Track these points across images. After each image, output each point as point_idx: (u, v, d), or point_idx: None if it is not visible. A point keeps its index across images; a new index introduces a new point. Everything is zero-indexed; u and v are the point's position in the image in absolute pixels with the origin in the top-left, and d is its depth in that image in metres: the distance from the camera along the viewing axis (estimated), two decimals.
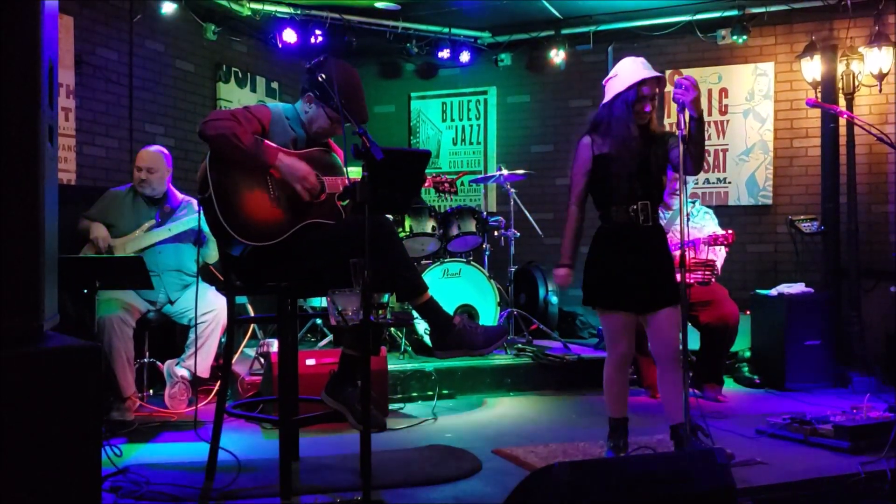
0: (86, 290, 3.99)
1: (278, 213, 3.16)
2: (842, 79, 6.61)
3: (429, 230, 5.95)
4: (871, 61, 6.53)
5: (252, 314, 5.53)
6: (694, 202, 5.55)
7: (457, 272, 5.83)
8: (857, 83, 6.60)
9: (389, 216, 3.20)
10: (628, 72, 3.48)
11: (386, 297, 2.52)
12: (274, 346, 4.84)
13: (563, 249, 3.48)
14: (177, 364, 4.84)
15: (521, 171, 6.25)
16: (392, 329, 5.89)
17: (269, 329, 6.04)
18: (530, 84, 7.98)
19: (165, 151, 5.03)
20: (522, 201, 6.51)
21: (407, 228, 5.97)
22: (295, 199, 3.20)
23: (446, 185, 5.28)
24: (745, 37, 6.84)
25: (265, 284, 3.21)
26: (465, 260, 5.91)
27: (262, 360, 5.03)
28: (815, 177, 6.92)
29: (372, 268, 2.62)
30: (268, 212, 3.13)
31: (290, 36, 7.03)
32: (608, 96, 3.54)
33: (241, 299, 5.52)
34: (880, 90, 6.60)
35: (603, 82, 3.61)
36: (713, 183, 7.22)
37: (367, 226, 2.67)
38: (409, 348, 5.91)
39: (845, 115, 5.67)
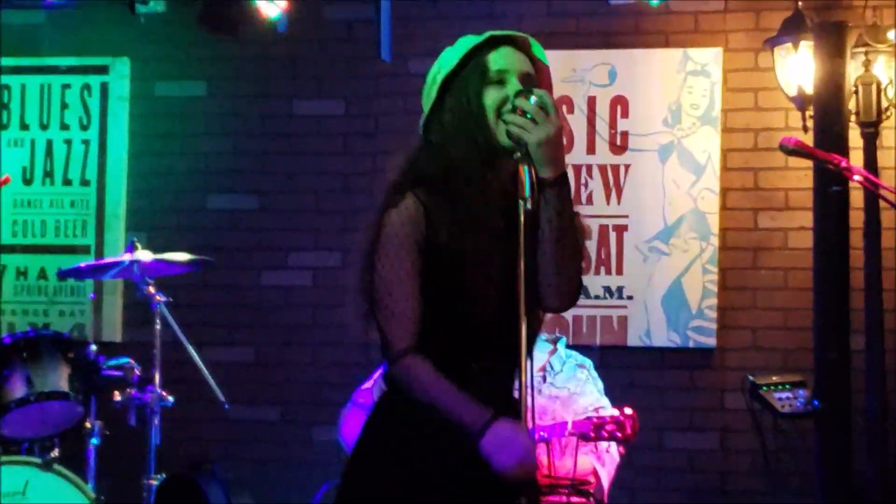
0: None
1: None
2: (857, 90, 4.80)
3: None
4: None
5: None
6: (556, 342, 4.08)
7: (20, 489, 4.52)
8: (888, 102, 4.83)
9: None
10: (464, 42, 2.39)
11: None
12: None
13: (464, 411, 2.17)
14: None
15: (183, 256, 4.34)
16: None
17: None
18: (209, 59, 5.36)
19: None
20: (188, 319, 4.54)
21: None
22: None
23: None
24: None
25: None
26: (38, 462, 4.44)
27: None
28: (802, 293, 4.94)
29: None
30: None
31: None
32: (428, 105, 2.38)
33: None
34: None
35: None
36: (595, 298, 5.13)
37: None
38: None
39: (860, 176, 3.75)
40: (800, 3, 4.65)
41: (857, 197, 4.54)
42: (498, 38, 2.13)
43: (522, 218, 2.04)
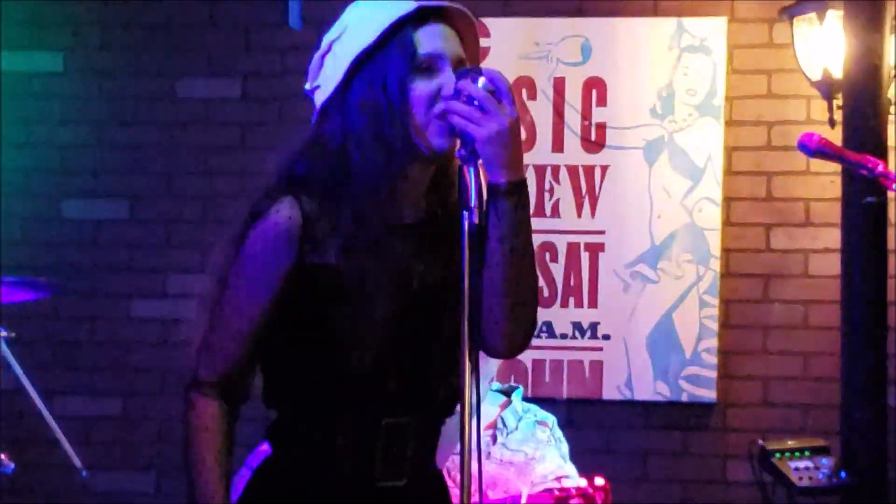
0: None
1: None
2: None
3: None
4: None
5: None
6: (510, 393, 3.77)
7: None
8: None
9: None
10: (382, 10, 2.24)
11: None
12: None
13: (200, 483, 2.01)
14: None
15: (30, 278, 4.24)
16: None
17: None
18: (67, 24, 4.82)
19: None
20: (35, 360, 4.32)
21: None
22: None
23: None
24: None
25: None
26: None
27: None
28: (826, 333, 4.48)
29: None
30: None
31: None
32: (329, 84, 2.11)
33: None
34: None
35: (316, 61, 2.15)
36: (562, 338, 4.61)
37: None
38: None
39: None
40: None
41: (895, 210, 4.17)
42: (427, 11, 2.00)
43: (466, 234, 1.97)
